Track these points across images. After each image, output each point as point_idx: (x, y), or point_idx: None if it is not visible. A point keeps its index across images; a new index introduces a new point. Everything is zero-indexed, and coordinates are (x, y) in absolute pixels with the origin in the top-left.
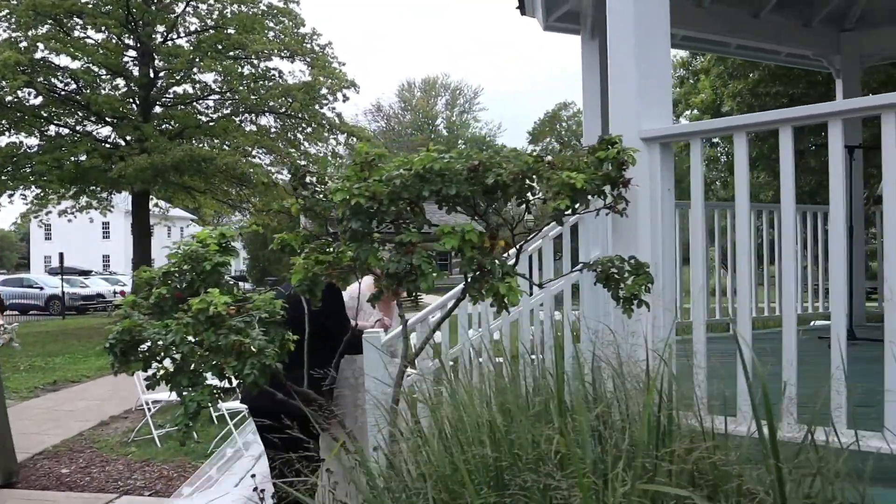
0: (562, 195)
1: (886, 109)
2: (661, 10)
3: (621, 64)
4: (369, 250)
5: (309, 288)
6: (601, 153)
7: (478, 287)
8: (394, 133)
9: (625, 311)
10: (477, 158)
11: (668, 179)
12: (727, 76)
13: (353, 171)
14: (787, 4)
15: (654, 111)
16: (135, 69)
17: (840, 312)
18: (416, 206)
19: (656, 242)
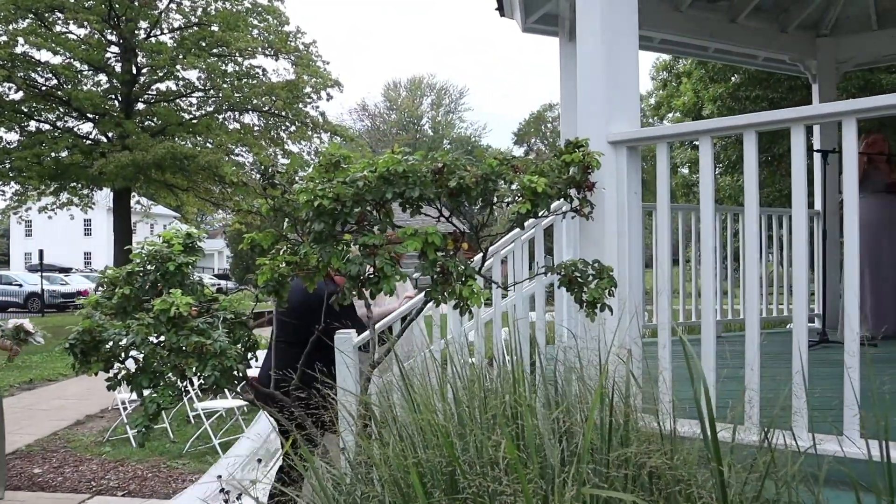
0: (523, 199)
1: (847, 116)
2: (630, 15)
3: (589, 68)
4: (332, 252)
5: (274, 289)
6: (566, 157)
7: (440, 290)
8: (379, 132)
9: (588, 315)
10: (441, 161)
11: (634, 182)
12: (708, 80)
13: (317, 172)
14: (764, 9)
15: (621, 115)
16: (117, 65)
17: (801, 316)
18: (383, 207)
19: (623, 245)
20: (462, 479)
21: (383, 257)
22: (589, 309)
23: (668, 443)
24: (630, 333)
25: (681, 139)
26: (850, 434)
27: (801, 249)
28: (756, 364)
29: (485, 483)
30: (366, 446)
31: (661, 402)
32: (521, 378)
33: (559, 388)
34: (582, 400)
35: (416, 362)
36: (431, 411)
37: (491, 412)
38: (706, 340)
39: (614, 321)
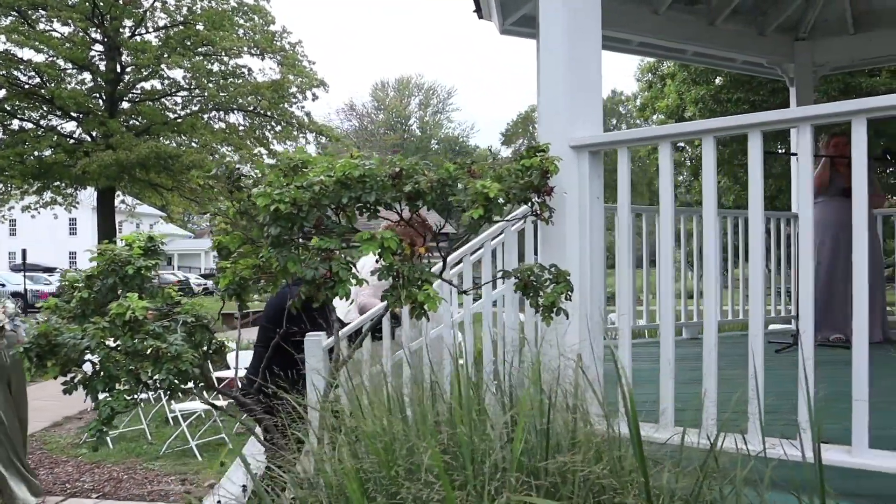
0: (476, 204)
1: (802, 122)
2: (593, 19)
3: (552, 72)
4: (288, 256)
5: (235, 292)
6: (525, 161)
7: (396, 294)
8: (367, 132)
9: (543, 320)
10: (399, 165)
11: (597, 187)
12: (691, 82)
13: (276, 176)
14: (742, 12)
15: (584, 119)
16: (101, 64)
17: (757, 319)
18: (344, 211)
19: (584, 250)
20: (392, 486)
21: (339, 261)
22: (545, 313)
23: (618, 447)
24: (592, 336)
25: (641, 144)
26: (804, 437)
27: (758, 254)
28: (713, 367)
29: (414, 489)
30: (316, 452)
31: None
32: (470, 384)
33: (513, 393)
34: (533, 405)
35: (386, 367)
36: (378, 416)
37: (434, 418)
38: (665, 342)
39: (575, 324)
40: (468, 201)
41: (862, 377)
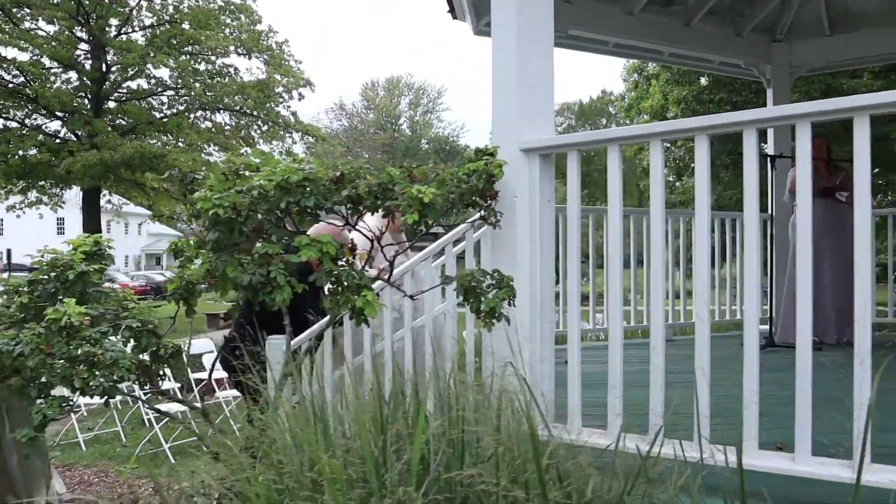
0: (412, 209)
1: (747, 126)
2: (546, 19)
3: (504, 74)
4: (228, 261)
5: (182, 296)
6: (469, 165)
7: (335, 300)
8: (357, 132)
9: (485, 325)
10: (341, 169)
11: (547, 190)
12: (674, 82)
13: (217, 180)
14: (718, 13)
15: (535, 122)
16: (87, 63)
17: (703, 322)
18: (289, 216)
19: (534, 253)
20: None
21: (277, 267)
22: (486, 319)
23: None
24: (542, 340)
25: (591, 147)
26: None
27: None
28: (659, 372)
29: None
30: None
31: (573, 408)
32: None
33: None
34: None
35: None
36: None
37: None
38: (613, 347)
39: (525, 328)
40: (404, 206)
41: (805, 384)
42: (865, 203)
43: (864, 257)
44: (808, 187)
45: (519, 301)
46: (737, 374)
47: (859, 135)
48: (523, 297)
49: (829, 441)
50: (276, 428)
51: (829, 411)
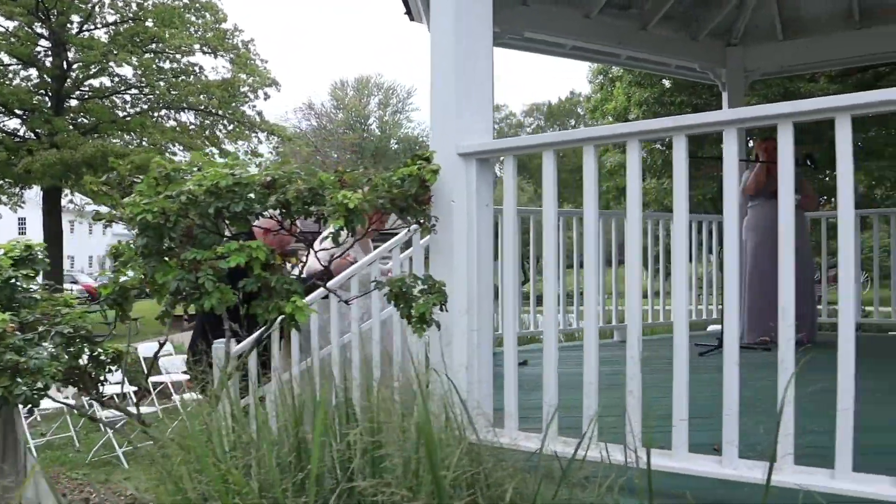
0: (338, 215)
1: (676, 132)
2: (484, 22)
3: (442, 79)
4: (156, 267)
5: (116, 302)
6: (402, 170)
7: (264, 306)
8: (326, 132)
9: (415, 331)
10: (273, 174)
11: (486, 195)
12: (636, 84)
13: (147, 185)
14: (674, 18)
15: (472, 126)
16: (47, 60)
17: (634, 325)
18: (223, 220)
19: (472, 258)
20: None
21: (206, 273)
22: (416, 324)
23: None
24: (479, 345)
25: (526, 152)
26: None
27: (636, 256)
28: (594, 373)
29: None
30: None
31: (509, 413)
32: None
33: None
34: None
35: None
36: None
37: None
38: (548, 348)
39: (462, 333)
40: (330, 211)
41: (732, 384)
42: (788, 206)
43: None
44: (732, 192)
45: (456, 306)
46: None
47: (783, 140)
48: (460, 301)
49: (753, 442)
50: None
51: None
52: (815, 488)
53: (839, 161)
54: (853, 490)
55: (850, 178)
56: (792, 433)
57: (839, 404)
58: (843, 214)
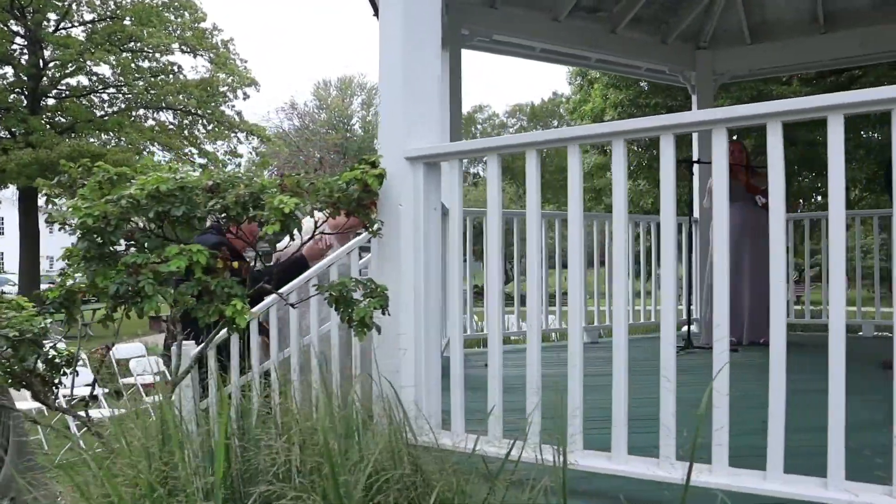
0: (274, 220)
1: (616, 136)
2: (433, 25)
3: (390, 82)
4: (96, 271)
5: (62, 304)
6: (346, 175)
7: (205, 309)
8: (309, 132)
9: (356, 335)
10: (215, 179)
11: (433, 199)
12: (612, 86)
13: (90, 188)
14: (644, 21)
15: (420, 130)
16: (23, 58)
17: (575, 327)
18: (168, 224)
19: (419, 261)
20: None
21: (146, 277)
22: (358, 328)
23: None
24: (427, 348)
25: (471, 156)
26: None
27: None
28: (535, 377)
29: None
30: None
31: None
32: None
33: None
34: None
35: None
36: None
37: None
38: (492, 350)
39: (410, 338)
40: (267, 216)
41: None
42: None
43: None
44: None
45: (403, 309)
46: (638, 377)
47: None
48: (408, 305)
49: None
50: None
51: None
52: (746, 490)
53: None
54: (783, 491)
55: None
56: (727, 436)
57: (770, 407)
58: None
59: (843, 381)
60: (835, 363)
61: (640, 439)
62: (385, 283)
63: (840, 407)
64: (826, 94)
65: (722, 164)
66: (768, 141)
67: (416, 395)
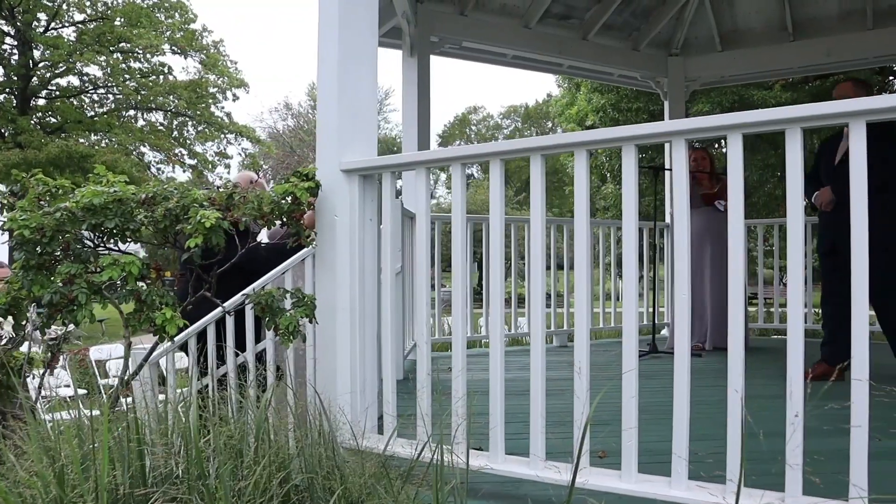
0: (197, 233)
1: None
2: (369, 38)
3: (326, 95)
4: (33, 280)
5: (10, 311)
6: (277, 188)
7: (136, 317)
8: (303, 132)
9: (282, 342)
10: (149, 192)
11: (369, 210)
12: (595, 90)
13: (29, 201)
14: (615, 28)
15: (355, 142)
16: (13, 58)
17: (496, 334)
18: (104, 235)
19: (354, 271)
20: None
21: (80, 286)
22: (284, 336)
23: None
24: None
25: (403, 169)
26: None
27: (494, 271)
28: (461, 382)
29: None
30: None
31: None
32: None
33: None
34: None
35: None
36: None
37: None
38: (421, 356)
39: (345, 347)
40: (190, 230)
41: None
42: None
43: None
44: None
45: (339, 318)
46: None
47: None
48: (343, 313)
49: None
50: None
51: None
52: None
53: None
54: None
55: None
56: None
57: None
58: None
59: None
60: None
61: (559, 444)
62: (321, 290)
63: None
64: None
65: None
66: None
67: (351, 399)
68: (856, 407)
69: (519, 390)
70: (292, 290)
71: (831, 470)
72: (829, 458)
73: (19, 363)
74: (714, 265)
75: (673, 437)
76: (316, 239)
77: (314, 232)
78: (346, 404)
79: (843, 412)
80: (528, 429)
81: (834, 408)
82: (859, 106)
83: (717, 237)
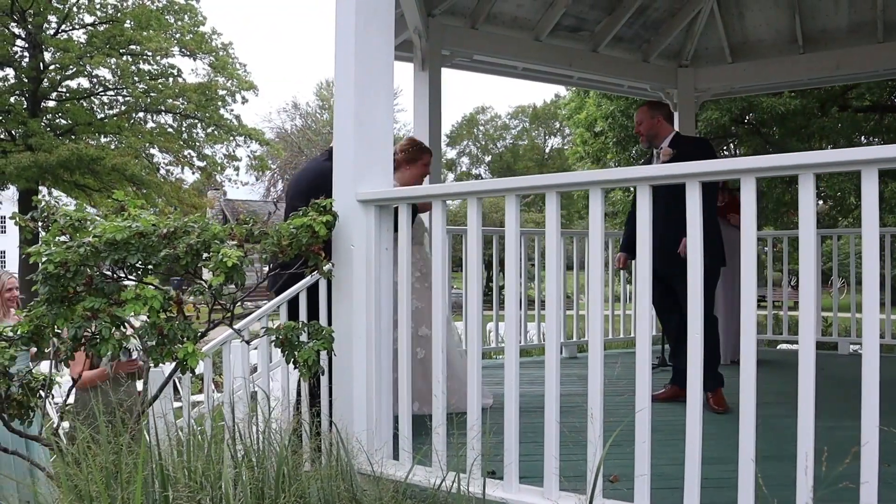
0: (219, 271)
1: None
2: (385, 70)
3: (343, 127)
4: (58, 314)
5: (32, 339)
6: (295, 222)
7: (158, 351)
8: (312, 132)
9: (301, 376)
10: (170, 226)
11: (386, 239)
12: (605, 97)
13: (53, 234)
14: (625, 40)
15: (372, 173)
16: (24, 61)
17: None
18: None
19: (370, 300)
20: None
21: (103, 321)
22: (303, 370)
23: None
24: (379, 383)
25: (419, 200)
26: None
27: (515, 272)
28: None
29: None
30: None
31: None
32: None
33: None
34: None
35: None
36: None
37: None
38: (436, 355)
39: (361, 371)
40: (212, 267)
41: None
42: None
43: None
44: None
45: (356, 347)
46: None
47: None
48: (360, 342)
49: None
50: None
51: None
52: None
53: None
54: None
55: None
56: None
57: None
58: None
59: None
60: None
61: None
62: (337, 319)
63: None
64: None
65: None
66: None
67: (367, 426)
68: None
69: (531, 407)
70: (308, 324)
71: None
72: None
73: (39, 382)
74: (725, 281)
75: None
76: (333, 269)
77: (332, 263)
78: (362, 432)
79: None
80: (541, 449)
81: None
82: (868, 155)
83: (729, 253)
